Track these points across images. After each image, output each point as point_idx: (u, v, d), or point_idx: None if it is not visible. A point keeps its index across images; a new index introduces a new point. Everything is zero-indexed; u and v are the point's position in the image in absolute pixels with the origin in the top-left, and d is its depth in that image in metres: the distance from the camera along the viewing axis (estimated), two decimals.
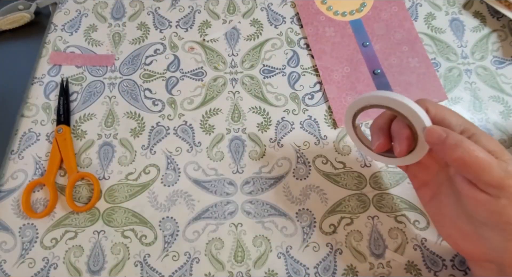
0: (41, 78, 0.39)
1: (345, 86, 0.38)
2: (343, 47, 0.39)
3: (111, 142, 0.36)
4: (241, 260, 0.32)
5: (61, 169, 0.35)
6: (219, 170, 0.35)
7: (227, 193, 0.34)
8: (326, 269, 0.32)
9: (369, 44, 0.39)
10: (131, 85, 0.39)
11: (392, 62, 0.38)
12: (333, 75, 0.38)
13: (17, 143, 0.36)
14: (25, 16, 0.41)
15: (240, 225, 0.33)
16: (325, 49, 0.39)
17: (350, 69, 0.38)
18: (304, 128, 0.37)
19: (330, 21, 0.41)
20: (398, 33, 0.40)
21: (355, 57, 0.39)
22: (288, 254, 0.32)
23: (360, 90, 0.37)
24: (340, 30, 0.40)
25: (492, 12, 0.41)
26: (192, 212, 0.34)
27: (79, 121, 0.37)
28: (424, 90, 0.37)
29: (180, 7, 0.42)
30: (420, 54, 0.39)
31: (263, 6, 0.42)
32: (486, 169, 0.21)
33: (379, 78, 0.38)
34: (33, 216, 0.33)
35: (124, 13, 0.42)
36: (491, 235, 0.23)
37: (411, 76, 0.38)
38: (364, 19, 0.41)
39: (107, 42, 0.41)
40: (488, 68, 0.38)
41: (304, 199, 0.34)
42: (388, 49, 0.39)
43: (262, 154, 0.36)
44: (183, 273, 0.32)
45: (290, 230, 0.33)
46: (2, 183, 0.35)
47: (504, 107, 0.37)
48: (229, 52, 0.40)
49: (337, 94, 0.37)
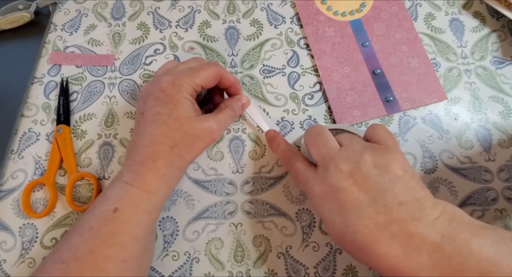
0: (41, 78, 0.39)
1: (345, 86, 0.38)
2: (343, 47, 0.39)
3: (111, 141, 0.36)
4: (241, 260, 0.32)
5: (61, 168, 0.35)
6: (219, 170, 0.35)
7: (227, 193, 0.34)
8: (325, 269, 0.32)
9: (369, 44, 0.39)
10: (131, 85, 0.39)
11: (392, 62, 0.38)
12: (333, 75, 0.38)
13: (17, 143, 0.36)
14: (25, 16, 0.41)
15: (240, 225, 0.33)
16: (325, 49, 0.39)
17: (350, 69, 0.38)
18: (304, 128, 0.37)
19: (330, 21, 0.41)
20: (398, 33, 0.40)
21: (355, 57, 0.39)
22: (288, 254, 0.32)
23: (360, 90, 0.37)
24: (340, 30, 0.40)
25: (492, 12, 0.41)
26: (192, 211, 0.34)
27: (79, 121, 0.37)
28: (424, 90, 0.37)
29: (180, 7, 0.42)
30: (420, 54, 0.39)
31: (263, 6, 0.42)
32: None
33: (379, 78, 0.38)
34: (33, 215, 0.33)
35: (124, 13, 0.42)
36: None
37: (411, 76, 0.38)
38: (364, 19, 0.41)
39: (107, 42, 0.41)
40: (488, 68, 0.39)
41: (304, 199, 0.34)
42: (388, 49, 0.39)
43: (262, 154, 0.36)
44: (183, 273, 0.32)
45: (290, 230, 0.33)
46: (2, 183, 0.35)
47: (504, 108, 0.37)
48: (229, 52, 0.40)
49: (337, 94, 0.37)
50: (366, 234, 0.24)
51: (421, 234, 0.23)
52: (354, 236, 0.24)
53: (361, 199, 0.25)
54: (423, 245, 0.23)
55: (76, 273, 0.25)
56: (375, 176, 0.25)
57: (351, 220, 0.24)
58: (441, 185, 0.34)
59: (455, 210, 0.24)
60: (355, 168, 0.25)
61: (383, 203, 0.24)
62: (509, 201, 0.34)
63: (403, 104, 0.37)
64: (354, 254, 0.26)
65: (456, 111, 0.37)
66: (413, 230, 0.23)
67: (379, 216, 0.24)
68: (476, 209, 0.33)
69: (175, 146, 0.29)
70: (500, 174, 0.34)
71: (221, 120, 0.31)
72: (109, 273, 0.25)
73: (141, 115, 0.30)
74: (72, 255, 0.25)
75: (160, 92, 0.29)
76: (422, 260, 0.22)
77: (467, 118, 0.37)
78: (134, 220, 0.27)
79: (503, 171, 0.35)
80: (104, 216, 0.27)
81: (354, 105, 0.37)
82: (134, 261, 0.27)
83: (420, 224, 0.23)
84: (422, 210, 0.24)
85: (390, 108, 0.36)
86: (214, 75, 0.31)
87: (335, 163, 0.26)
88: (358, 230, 0.24)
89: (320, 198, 0.27)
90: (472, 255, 0.22)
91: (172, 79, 0.30)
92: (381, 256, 0.23)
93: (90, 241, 0.26)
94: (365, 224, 0.24)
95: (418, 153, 0.35)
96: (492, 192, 0.34)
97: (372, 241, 0.24)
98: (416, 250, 0.23)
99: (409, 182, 0.25)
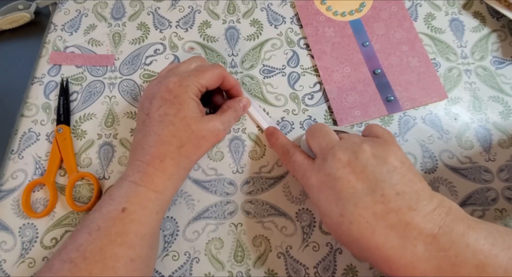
0: (41, 78, 0.39)
1: (345, 86, 0.38)
2: (343, 47, 0.39)
3: (111, 141, 0.36)
4: (241, 260, 0.32)
5: (61, 168, 0.35)
6: (219, 170, 0.35)
7: (227, 193, 0.34)
8: (326, 269, 0.32)
9: (369, 44, 0.39)
10: (131, 85, 0.39)
11: (392, 62, 0.38)
12: (333, 75, 0.38)
13: (17, 143, 0.36)
14: (25, 16, 0.41)
15: (240, 225, 0.33)
16: (325, 49, 0.39)
17: (350, 69, 0.38)
18: (304, 128, 0.37)
19: (329, 22, 0.41)
20: (397, 33, 0.40)
21: (355, 57, 0.39)
22: (288, 253, 0.32)
23: (361, 90, 0.37)
24: (340, 30, 0.40)
25: (492, 12, 0.41)
26: (192, 211, 0.34)
27: (79, 121, 0.37)
28: (424, 89, 0.37)
29: (180, 7, 0.42)
30: (420, 53, 0.39)
31: (263, 6, 0.42)
32: None
33: (379, 78, 0.38)
34: (33, 215, 0.33)
35: (124, 13, 0.42)
36: None
37: (411, 76, 0.38)
38: (364, 19, 0.41)
39: (107, 42, 0.41)
40: (488, 68, 0.39)
41: (304, 198, 0.34)
42: (388, 49, 0.39)
43: (262, 154, 0.36)
44: (183, 273, 0.32)
45: (290, 229, 0.33)
46: (2, 183, 0.35)
47: (504, 108, 0.37)
48: (229, 52, 0.40)
49: (338, 95, 0.37)
50: (362, 224, 0.24)
51: (417, 225, 0.23)
52: (350, 227, 0.24)
53: (358, 188, 0.25)
54: (420, 235, 0.23)
55: (85, 272, 0.25)
56: (373, 166, 0.25)
57: (347, 209, 0.24)
58: (441, 185, 0.34)
59: (451, 203, 0.24)
60: (353, 157, 0.26)
61: (380, 192, 0.24)
62: (509, 201, 0.34)
63: (404, 103, 0.37)
64: (350, 246, 0.26)
65: (456, 111, 0.37)
66: (410, 220, 0.23)
67: (376, 205, 0.24)
68: (476, 209, 0.33)
69: (182, 146, 0.29)
70: (500, 174, 0.34)
71: (225, 121, 0.32)
72: (117, 272, 0.25)
73: (147, 116, 0.30)
74: (81, 254, 0.25)
75: (167, 92, 0.29)
76: (419, 251, 0.22)
77: (467, 118, 0.37)
78: (142, 219, 0.27)
79: (503, 171, 0.35)
80: (111, 215, 0.27)
81: (355, 105, 0.37)
82: (142, 260, 0.27)
83: (417, 215, 0.23)
84: (419, 201, 0.24)
85: (391, 108, 0.37)
86: (218, 77, 0.32)
87: (333, 152, 0.26)
88: (353, 220, 0.24)
89: (317, 189, 0.27)
90: (468, 247, 0.22)
91: (178, 80, 0.30)
92: (377, 247, 0.23)
93: (99, 241, 0.26)
94: (361, 214, 0.24)
95: (418, 153, 0.35)
96: (492, 192, 0.34)
97: (368, 231, 0.23)
98: (412, 240, 0.23)
99: (407, 174, 0.25)
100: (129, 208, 0.27)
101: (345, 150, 0.26)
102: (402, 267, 0.23)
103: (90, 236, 0.26)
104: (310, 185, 0.27)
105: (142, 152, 0.29)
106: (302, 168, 0.29)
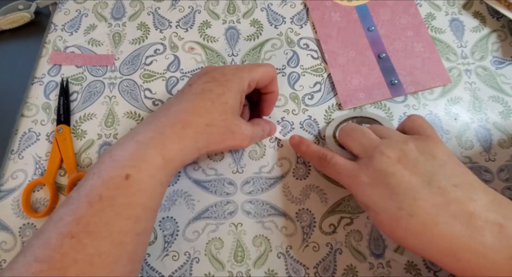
0: (41, 78, 0.39)
1: (350, 69, 0.38)
2: (349, 31, 0.40)
3: (111, 141, 0.36)
4: (241, 260, 0.32)
5: (61, 168, 0.35)
6: (219, 170, 0.35)
7: (227, 193, 0.34)
8: (326, 269, 0.32)
9: (375, 29, 0.40)
10: (131, 85, 0.39)
11: (397, 47, 0.39)
12: (338, 59, 0.39)
13: (17, 143, 0.36)
14: (25, 16, 0.41)
15: (240, 225, 0.33)
16: (331, 33, 0.40)
17: (355, 53, 0.39)
18: (304, 128, 0.37)
19: (336, 7, 0.41)
20: (403, 18, 0.40)
21: (360, 41, 0.39)
22: (288, 254, 0.32)
23: (365, 74, 0.38)
24: (346, 15, 0.41)
25: (492, 12, 0.41)
26: (192, 211, 0.34)
27: (79, 121, 0.37)
28: (428, 74, 0.38)
29: (180, 7, 0.42)
30: (424, 39, 0.39)
31: (263, 6, 0.42)
32: None
33: (384, 62, 0.38)
34: (33, 215, 0.33)
35: (124, 13, 0.42)
36: None
37: (416, 61, 0.38)
38: (370, 4, 0.41)
39: (107, 42, 0.41)
40: (488, 68, 0.39)
41: (304, 199, 0.34)
42: (393, 34, 0.40)
43: (262, 154, 0.36)
44: (183, 273, 0.32)
45: (290, 230, 0.33)
46: (2, 183, 0.35)
47: (504, 108, 0.37)
48: (229, 52, 0.40)
49: (342, 77, 0.38)
50: (423, 216, 0.23)
51: (481, 214, 0.22)
52: (410, 220, 0.23)
53: (413, 182, 0.24)
54: (486, 224, 0.22)
55: (91, 248, 0.22)
56: (423, 161, 0.25)
57: (405, 203, 0.24)
58: None
59: (501, 195, 0.24)
60: (402, 154, 0.25)
61: (437, 185, 0.24)
62: None
63: (408, 87, 0.37)
64: (408, 242, 0.24)
65: (456, 111, 0.37)
66: (473, 210, 0.22)
67: (435, 196, 0.23)
68: None
69: (211, 125, 0.27)
70: (500, 174, 0.34)
71: (255, 133, 0.31)
72: (125, 248, 0.23)
73: (189, 86, 0.29)
74: (83, 228, 0.22)
75: (220, 74, 0.29)
76: (488, 240, 0.21)
77: (467, 118, 0.37)
78: (149, 190, 0.25)
79: (503, 171, 0.35)
80: (115, 183, 0.24)
81: (360, 88, 0.37)
82: (146, 235, 0.26)
83: (478, 205, 0.23)
84: (477, 192, 0.23)
85: (394, 91, 0.37)
86: (269, 75, 0.31)
87: (380, 150, 0.26)
88: (413, 212, 0.23)
89: (369, 186, 0.26)
90: None
91: (235, 68, 0.29)
92: (442, 237, 0.22)
93: (103, 213, 0.23)
94: (421, 206, 0.23)
95: None
96: None
97: (430, 222, 0.23)
98: (479, 230, 0.22)
99: (458, 167, 0.25)
100: (136, 176, 0.24)
101: (392, 148, 0.26)
102: (472, 258, 0.22)
103: (92, 207, 0.23)
104: (360, 183, 0.26)
105: (167, 113, 0.27)
106: (346, 169, 0.28)
